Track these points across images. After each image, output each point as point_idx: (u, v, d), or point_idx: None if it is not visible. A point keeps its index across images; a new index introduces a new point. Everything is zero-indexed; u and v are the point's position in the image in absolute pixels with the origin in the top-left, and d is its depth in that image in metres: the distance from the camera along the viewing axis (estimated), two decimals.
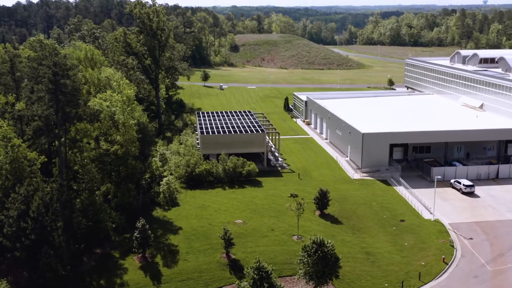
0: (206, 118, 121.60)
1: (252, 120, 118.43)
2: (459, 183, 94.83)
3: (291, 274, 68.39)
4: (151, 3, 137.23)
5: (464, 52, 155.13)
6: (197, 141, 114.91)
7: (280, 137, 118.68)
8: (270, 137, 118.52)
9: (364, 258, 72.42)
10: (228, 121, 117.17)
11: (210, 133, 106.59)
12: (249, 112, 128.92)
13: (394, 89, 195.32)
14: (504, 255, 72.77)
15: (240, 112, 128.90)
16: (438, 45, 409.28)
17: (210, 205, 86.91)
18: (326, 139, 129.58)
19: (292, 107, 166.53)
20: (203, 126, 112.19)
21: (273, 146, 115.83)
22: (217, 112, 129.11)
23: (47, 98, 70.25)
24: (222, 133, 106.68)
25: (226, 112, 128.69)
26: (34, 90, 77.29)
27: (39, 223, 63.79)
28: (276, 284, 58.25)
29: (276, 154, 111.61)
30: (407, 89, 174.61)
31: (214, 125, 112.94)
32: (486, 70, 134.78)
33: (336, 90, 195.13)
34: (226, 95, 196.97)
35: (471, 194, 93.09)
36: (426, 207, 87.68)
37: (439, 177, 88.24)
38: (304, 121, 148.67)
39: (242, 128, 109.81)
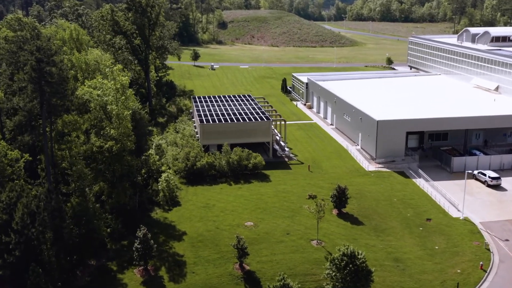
0: (204, 103, 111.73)
1: (254, 105, 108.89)
2: (484, 174, 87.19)
3: (314, 287, 60.51)
4: None
5: (473, 30, 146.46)
6: (195, 130, 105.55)
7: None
8: (275, 125, 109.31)
9: (392, 266, 64.80)
10: (228, 107, 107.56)
11: (211, 122, 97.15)
12: (249, 96, 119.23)
13: (394, 69, 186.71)
14: None
15: (239, 96, 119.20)
16: (430, 21, 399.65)
17: (215, 204, 78.26)
18: (331, 124, 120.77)
19: (290, 89, 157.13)
20: (202, 113, 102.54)
21: (278, 135, 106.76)
22: (214, 97, 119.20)
23: (30, 89, 60.46)
24: (223, 122, 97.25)
25: (224, 97, 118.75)
26: (14, 77, 67.54)
27: (24, 237, 54.99)
28: None
29: (282, 144, 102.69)
30: (411, 68, 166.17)
31: (213, 112, 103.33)
32: (500, 49, 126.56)
33: (333, 70, 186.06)
34: (218, 75, 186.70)
35: (497, 187, 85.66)
36: (452, 203, 79.96)
37: (469, 171, 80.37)
38: (305, 105, 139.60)
39: (245, 116, 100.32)
